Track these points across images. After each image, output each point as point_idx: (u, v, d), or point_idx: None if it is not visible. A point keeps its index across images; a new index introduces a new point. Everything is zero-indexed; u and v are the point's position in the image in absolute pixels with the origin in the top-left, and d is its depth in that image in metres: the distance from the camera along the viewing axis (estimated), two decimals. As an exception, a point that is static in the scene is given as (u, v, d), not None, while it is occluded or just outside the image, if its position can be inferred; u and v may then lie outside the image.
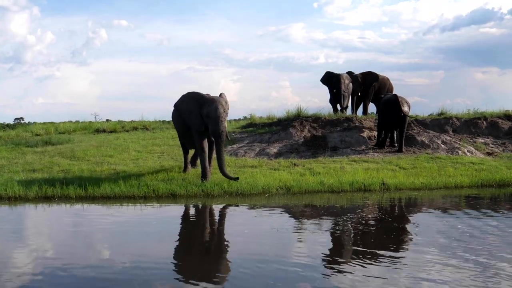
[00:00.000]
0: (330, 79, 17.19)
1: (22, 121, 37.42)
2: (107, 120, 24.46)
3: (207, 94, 10.88)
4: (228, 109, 10.73)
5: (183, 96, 11.28)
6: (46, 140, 16.53)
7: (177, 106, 11.39)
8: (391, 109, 13.97)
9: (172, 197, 9.91)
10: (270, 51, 60.48)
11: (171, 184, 10.24)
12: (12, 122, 35.27)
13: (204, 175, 10.61)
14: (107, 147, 15.15)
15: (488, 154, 14.87)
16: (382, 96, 15.66)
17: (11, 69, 53.65)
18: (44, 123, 24.52)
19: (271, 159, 13.32)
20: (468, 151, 14.58)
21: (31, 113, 58.63)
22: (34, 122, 30.28)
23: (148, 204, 9.39)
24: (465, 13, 55.31)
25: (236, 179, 10.31)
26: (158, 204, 9.38)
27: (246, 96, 52.38)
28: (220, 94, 10.79)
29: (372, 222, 7.89)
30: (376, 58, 51.07)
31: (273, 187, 10.32)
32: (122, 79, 56.06)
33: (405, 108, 14.01)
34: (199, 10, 61.02)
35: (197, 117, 10.61)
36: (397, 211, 9.13)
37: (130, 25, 57.74)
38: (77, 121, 22.15)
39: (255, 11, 62.04)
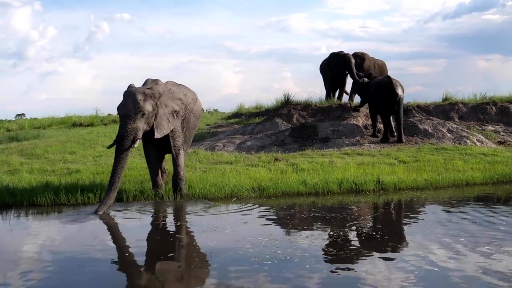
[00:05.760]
0: (337, 61, 14.29)
1: (24, 117, 35.70)
2: (109, 115, 22.45)
3: (144, 84, 7.55)
4: (166, 104, 7.31)
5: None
6: (13, 136, 14.44)
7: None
8: (383, 92, 11.51)
9: (118, 203, 7.63)
10: (272, 42, 57.65)
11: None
12: (13, 119, 33.57)
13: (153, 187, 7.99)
14: (74, 142, 12.96)
15: (500, 143, 12.45)
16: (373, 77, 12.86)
17: (14, 65, 51.45)
18: (21, 119, 22.42)
19: (251, 153, 10.98)
20: (477, 140, 12.11)
21: (34, 109, 56.55)
22: (35, 118, 28.55)
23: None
24: (468, 0, 51.97)
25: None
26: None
27: (248, 88, 49.80)
28: (157, 81, 7.54)
29: (358, 254, 5.51)
30: (378, 47, 48.08)
31: (243, 189, 7.97)
32: (124, 73, 53.56)
33: (399, 91, 11.54)
34: (200, 2, 58.31)
35: None
36: (394, 230, 6.64)
37: (133, 18, 55.20)
38: (52, 117, 19.94)
39: (256, 2, 59.13)
